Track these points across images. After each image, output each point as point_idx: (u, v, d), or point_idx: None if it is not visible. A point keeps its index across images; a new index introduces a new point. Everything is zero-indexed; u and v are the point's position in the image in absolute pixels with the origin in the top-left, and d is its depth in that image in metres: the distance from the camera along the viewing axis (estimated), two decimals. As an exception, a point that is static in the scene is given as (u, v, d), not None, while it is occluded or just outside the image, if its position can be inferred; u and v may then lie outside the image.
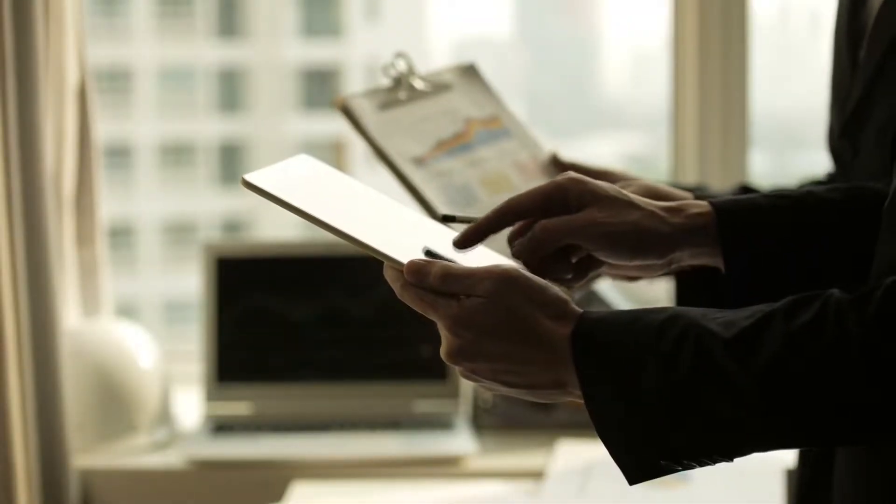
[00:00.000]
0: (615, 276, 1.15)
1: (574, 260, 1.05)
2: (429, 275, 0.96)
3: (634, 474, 0.93)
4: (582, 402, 0.93)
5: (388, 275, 0.98)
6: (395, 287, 0.98)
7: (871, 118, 1.18)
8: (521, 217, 1.03)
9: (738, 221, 1.04)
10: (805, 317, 0.89)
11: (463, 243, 1.01)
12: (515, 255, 1.03)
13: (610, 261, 1.04)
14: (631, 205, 1.02)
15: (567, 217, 1.01)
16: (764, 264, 1.04)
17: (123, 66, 3.57)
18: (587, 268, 1.06)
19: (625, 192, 1.04)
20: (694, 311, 0.93)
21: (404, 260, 0.97)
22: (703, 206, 1.05)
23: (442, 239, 1.04)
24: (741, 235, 1.04)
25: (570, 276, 1.05)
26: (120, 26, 3.57)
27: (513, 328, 0.94)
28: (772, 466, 1.83)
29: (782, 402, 0.88)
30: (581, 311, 0.95)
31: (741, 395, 0.89)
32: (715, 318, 0.92)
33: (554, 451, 1.96)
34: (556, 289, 0.96)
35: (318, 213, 0.98)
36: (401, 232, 1.02)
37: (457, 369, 0.97)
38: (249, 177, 0.98)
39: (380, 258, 0.98)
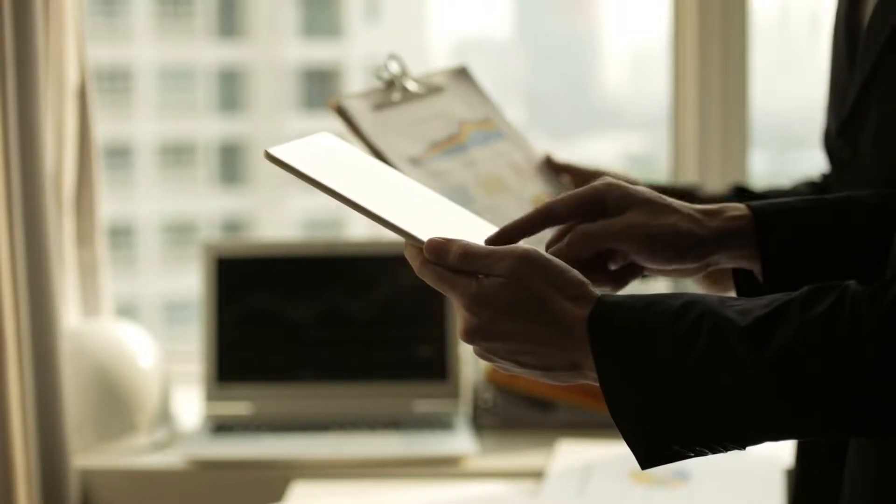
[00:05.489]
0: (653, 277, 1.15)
1: (613, 267, 1.05)
2: (448, 253, 0.96)
3: (646, 459, 0.93)
4: (596, 384, 0.94)
5: (408, 252, 0.99)
6: (415, 265, 0.98)
7: (868, 118, 1.18)
8: (559, 221, 1.03)
9: (776, 225, 1.04)
10: (821, 307, 0.90)
11: (497, 242, 1.01)
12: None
13: (648, 264, 1.04)
14: (669, 208, 1.03)
15: (605, 222, 1.02)
16: (801, 268, 1.03)
17: (123, 66, 3.56)
18: (626, 274, 1.06)
19: (662, 196, 1.04)
20: (711, 298, 0.93)
21: (424, 237, 0.97)
22: (741, 209, 1.05)
23: (460, 217, 1.04)
24: (779, 239, 1.04)
25: (608, 283, 1.06)
26: (120, 26, 3.57)
27: (530, 308, 0.94)
28: (772, 466, 1.83)
29: (794, 392, 0.89)
30: (599, 293, 0.95)
31: (754, 383, 0.89)
32: (732, 306, 0.92)
33: (554, 451, 1.96)
34: (576, 271, 0.96)
35: (340, 189, 0.98)
36: (420, 210, 1.02)
37: (472, 349, 0.98)
38: (273, 150, 0.99)
39: (400, 235, 0.98)
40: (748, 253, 1.05)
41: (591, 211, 1.03)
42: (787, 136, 3.00)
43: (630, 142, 3.38)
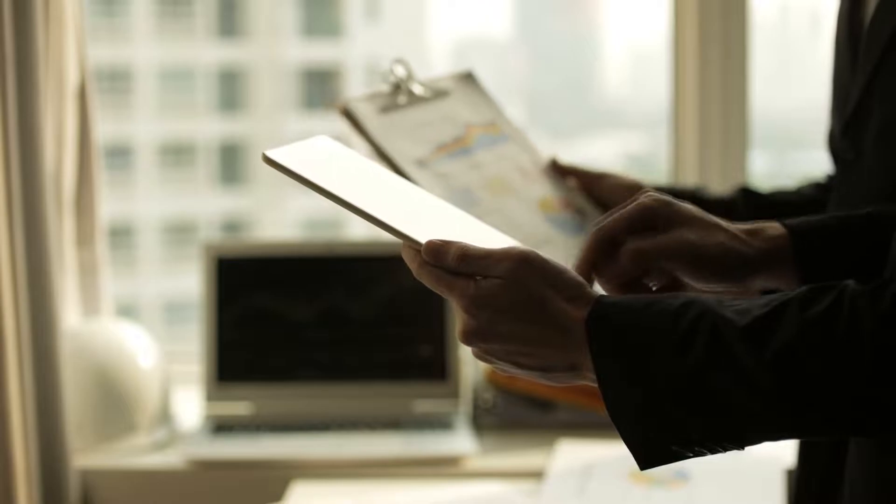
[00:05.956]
0: None
1: (653, 285, 1.04)
2: (447, 255, 0.96)
3: (646, 460, 0.93)
4: (595, 384, 0.93)
5: (406, 254, 0.99)
6: (413, 267, 0.98)
7: (871, 118, 1.18)
8: (614, 242, 1.02)
9: (814, 244, 1.04)
10: (819, 307, 0.90)
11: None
12: (603, 279, 1.02)
13: (694, 283, 1.03)
14: (717, 226, 1.03)
15: (659, 239, 1.01)
16: None
17: (123, 66, 3.57)
18: (668, 293, 1.04)
19: (707, 213, 1.03)
20: (709, 298, 0.93)
21: (422, 239, 0.97)
22: (778, 228, 1.05)
23: (457, 220, 1.04)
24: (818, 259, 1.04)
25: None
26: (120, 26, 3.57)
27: (528, 309, 0.94)
28: (772, 466, 1.83)
29: (793, 391, 0.89)
30: (597, 294, 0.95)
31: (753, 383, 0.89)
32: (730, 306, 0.92)
33: (554, 451, 1.96)
34: (574, 272, 0.96)
35: (338, 191, 0.98)
36: (417, 212, 1.02)
37: (471, 350, 0.98)
38: (271, 153, 0.99)
39: (397, 237, 0.98)
40: (786, 272, 1.04)
41: (641, 228, 1.02)
42: (787, 136, 3.01)
43: (630, 142, 3.38)
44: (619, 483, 1.82)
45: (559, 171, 1.46)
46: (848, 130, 1.23)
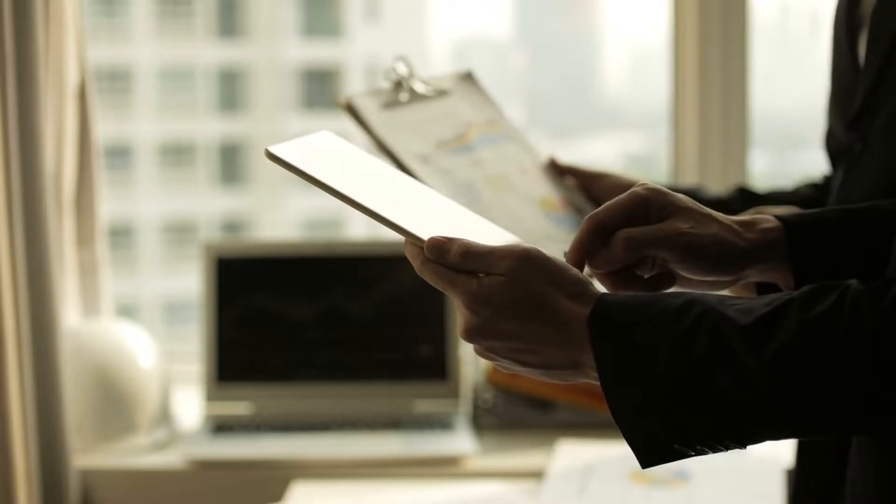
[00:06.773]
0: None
1: (644, 275, 1.04)
2: (449, 252, 0.96)
3: (647, 458, 0.93)
4: (597, 383, 0.93)
5: (409, 251, 0.99)
6: (415, 263, 0.98)
7: (879, 113, 1.18)
8: (608, 231, 1.01)
9: (808, 238, 1.03)
10: (821, 307, 0.89)
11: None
12: (595, 267, 1.02)
13: (687, 274, 1.02)
14: (710, 217, 1.02)
15: (651, 227, 1.00)
16: (833, 280, 1.02)
17: (123, 66, 3.57)
18: (660, 283, 1.04)
19: (700, 204, 1.03)
20: (711, 297, 0.93)
21: (425, 236, 0.97)
22: (772, 220, 1.04)
23: (460, 216, 1.04)
24: (812, 252, 1.03)
25: (641, 291, 1.03)
26: (120, 26, 3.57)
27: (530, 307, 0.94)
28: (772, 466, 1.83)
29: (794, 390, 0.89)
30: (599, 292, 0.95)
31: (755, 382, 0.89)
32: (732, 305, 0.92)
33: (554, 451, 1.96)
34: (576, 270, 0.96)
35: (341, 187, 0.98)
36: (420, 208, 1.02)
37: (473, 347, 0.98)
38: (273, 148, 0.99)
39: (400, 234, 0.98)
40: (779, 266, 1.04)
41: (635, 218, 1.01)
42: (787, 136, 3.01)
43: (630, 142, 3.38)
44: (619, 483, 1.82)
45: (557, 171, 1.47)
46: (855, 124, 1.22)
